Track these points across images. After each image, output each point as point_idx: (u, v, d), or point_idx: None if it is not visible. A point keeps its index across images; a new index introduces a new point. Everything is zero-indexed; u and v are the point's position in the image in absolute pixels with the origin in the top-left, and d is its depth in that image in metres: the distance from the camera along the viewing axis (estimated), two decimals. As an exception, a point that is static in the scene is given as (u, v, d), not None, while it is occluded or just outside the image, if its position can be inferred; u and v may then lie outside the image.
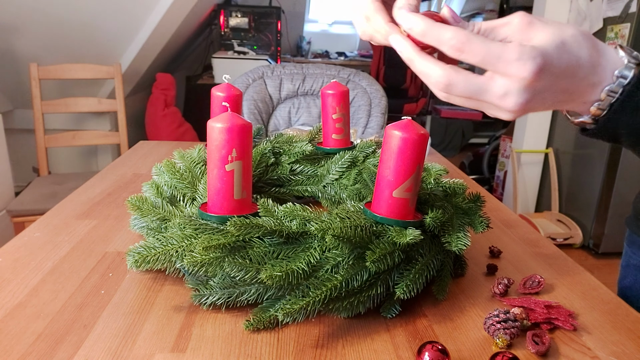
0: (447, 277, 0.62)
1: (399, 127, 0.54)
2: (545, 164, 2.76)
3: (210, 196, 0.58)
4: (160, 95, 2.83)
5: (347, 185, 0.78)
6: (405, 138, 0.54)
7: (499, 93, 0.40)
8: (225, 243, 0.53)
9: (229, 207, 0.57)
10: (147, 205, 0.65)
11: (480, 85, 0.40)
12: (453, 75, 0.41)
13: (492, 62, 0.39)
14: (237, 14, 3.43)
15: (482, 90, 0.40)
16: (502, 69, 0.39)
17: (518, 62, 0.38)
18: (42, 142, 2.05)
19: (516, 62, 0.38)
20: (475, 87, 0.40)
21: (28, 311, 0.56)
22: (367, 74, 1.59)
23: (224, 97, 0.78)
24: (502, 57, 0.39)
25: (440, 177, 0.70)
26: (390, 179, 0.55)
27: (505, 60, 0.39)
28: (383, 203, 0.56)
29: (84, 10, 2.20)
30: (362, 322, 0.56)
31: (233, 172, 0.56)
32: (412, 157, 0.54)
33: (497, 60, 0.39)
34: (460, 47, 0.39)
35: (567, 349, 0.53)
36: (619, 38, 2.18)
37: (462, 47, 0.39)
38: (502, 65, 0.39)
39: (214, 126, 0.55)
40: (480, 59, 0.39)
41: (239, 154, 0.56)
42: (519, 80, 0.39)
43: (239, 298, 0.56)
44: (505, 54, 0.38)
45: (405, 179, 0.55)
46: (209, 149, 0.57)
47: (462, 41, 0.39)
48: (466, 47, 0.39)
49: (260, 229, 0.54)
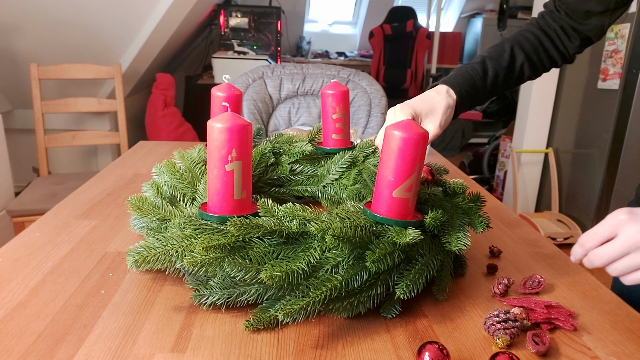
0: (447, 277, 0.62)
1: (399, 127, 0.54)
2: (545, 164, 2.76)
3: (210, 196, 0.58)
4: (160, 95, 2.83)
5: (347, 185, 0.78)
6: (406, 138, 0.54)
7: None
8: (225, 243, 0.53)
9: (229, 207, 0.57)
10: (147, 205, 0.65)
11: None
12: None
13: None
14: (237, 14, 3.43)
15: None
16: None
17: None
18: (42, 142, 2.05)
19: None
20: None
21: (28, 311, 0.56)
22: (367, 74, 1.59)
23: (224, 97, 0.78)
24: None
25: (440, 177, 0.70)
26: (390, 179, 0.55)
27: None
28: (383, 203, 0.56)
29: (84, 10, 2.19)
30: (362, 322, 0.56)
31: (233, 172, 0.56)
32: (412, 157, 0.54)
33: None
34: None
35: (567, 349, 0.53)
36: (619, 38, 2.18)
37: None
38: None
39: (214, 126, 0.55)
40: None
41: (238, 154, 0.56)
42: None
43: (239, 298, 0.56)
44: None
45: (405, 178, 0.55)
46: (209, 149, 0.56)
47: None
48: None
49: (260, 229, 0.54)
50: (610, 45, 2.22)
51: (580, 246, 0.53)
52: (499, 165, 3.10)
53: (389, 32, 3.96)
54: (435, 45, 3.77)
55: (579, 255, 0.53)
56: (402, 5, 4.11)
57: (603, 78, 2.28)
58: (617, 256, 0.50)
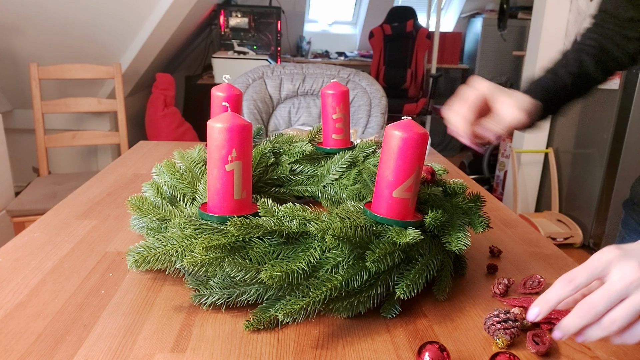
0: (447, 277, 0.62)
1: (399, 127, 0.54)
2: (545, 164, 2.76)
3: (210, 196, 0.58)
4: (160, 95, 2.83)
5: (347, 185, 0.78)
6: (406, 138, 0.54)
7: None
8: (225, 243, 0.53)
9: (229, 207, 0.57)
10: (147, 205, 0.65)
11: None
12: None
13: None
14: (237, 14, 3.43)
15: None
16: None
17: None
18: (42, 142, 2.05)
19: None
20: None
21: (28, 311, 0.56)
22: (367, 74, 1.59)
23: (224, 97, 0.78)
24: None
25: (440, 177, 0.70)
26: (390, 179, 0.55)
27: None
28: (383, 203, 0.56)
29: (84, 10, 2.20)
30: (362, 322, 0.56)
31: (233, 172, 0.56)
32: (412, 157, 0.54)
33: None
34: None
35: (567, 349, 0.52)
36: (619, 38, 2.18)
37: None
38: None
39: (214, 126, 0.55)
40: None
41: (238, 154, 0.56)
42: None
43: (239, 298, 0.56)
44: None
45: (405, 178, 0.55)
46: (209, 149, 0.57)
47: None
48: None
49: (260, 229, 0.54)
50: None
51: (553, 295, 0.42)
52: (499, 165, 3.10)
53: (389, 32, 3.96)
54: (435, 45, 3.77)
55: (547, 308, 0.43)
56: (402, 5, 4.11)
57: (603, 78, 2.28)
58: (615, 301, 0.40)
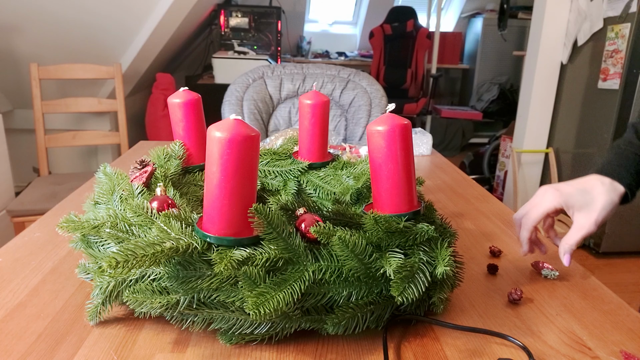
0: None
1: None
2: (545, 164, 2.76)
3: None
4: (160, 95, 2.83)
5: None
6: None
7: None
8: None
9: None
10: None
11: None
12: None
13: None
14: (237, 14, 3.43)
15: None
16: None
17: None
18: (42, 142, 2.05)
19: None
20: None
21: (28, 311, 0.56)
22: (367, 74, 1.59)
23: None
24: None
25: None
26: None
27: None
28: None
29: (84, 10, 2.20)
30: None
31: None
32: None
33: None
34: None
35: (567, 349, 0.52)
36: (619, 38, 2.18)
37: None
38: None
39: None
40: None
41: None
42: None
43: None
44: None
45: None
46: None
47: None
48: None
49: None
50: (610, 45, 2.22)
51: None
52: (499, 165, 3.10)
53: (389, 32, 3.96)
54: (435, 45, 3.77)
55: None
56: (402, 5, 4.11)
57: (603, 78, 2.28)
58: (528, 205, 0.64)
